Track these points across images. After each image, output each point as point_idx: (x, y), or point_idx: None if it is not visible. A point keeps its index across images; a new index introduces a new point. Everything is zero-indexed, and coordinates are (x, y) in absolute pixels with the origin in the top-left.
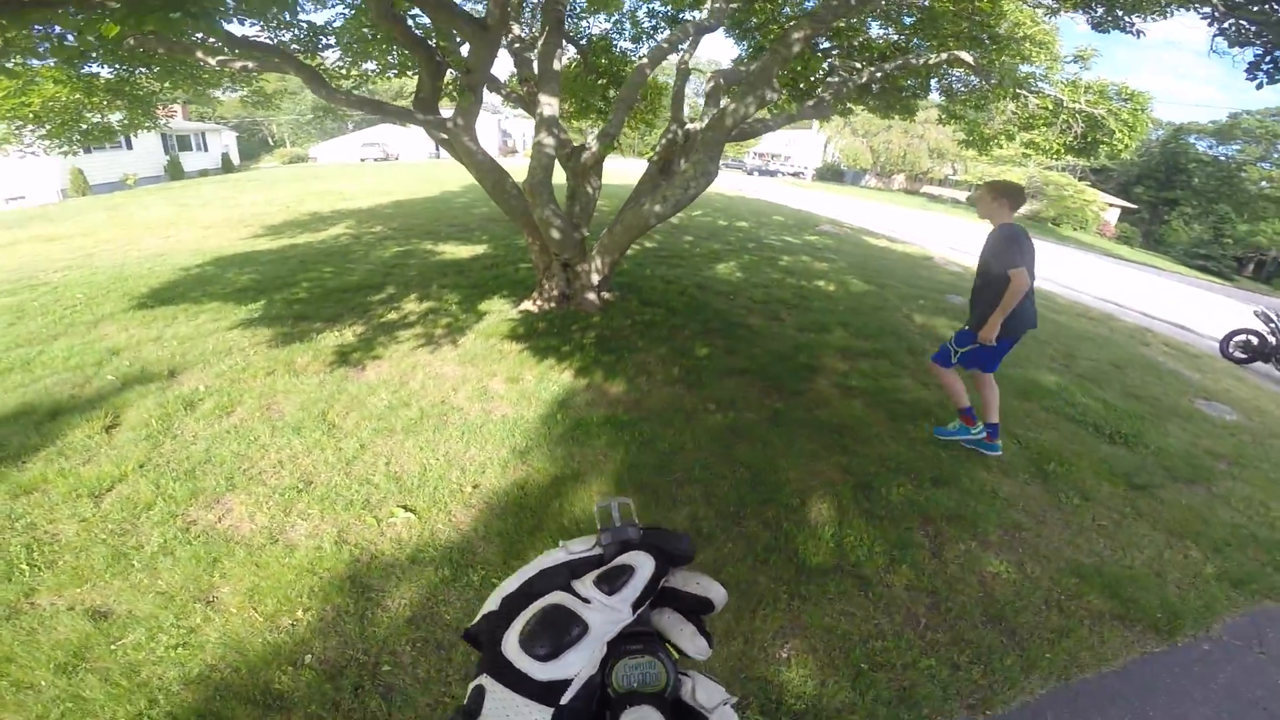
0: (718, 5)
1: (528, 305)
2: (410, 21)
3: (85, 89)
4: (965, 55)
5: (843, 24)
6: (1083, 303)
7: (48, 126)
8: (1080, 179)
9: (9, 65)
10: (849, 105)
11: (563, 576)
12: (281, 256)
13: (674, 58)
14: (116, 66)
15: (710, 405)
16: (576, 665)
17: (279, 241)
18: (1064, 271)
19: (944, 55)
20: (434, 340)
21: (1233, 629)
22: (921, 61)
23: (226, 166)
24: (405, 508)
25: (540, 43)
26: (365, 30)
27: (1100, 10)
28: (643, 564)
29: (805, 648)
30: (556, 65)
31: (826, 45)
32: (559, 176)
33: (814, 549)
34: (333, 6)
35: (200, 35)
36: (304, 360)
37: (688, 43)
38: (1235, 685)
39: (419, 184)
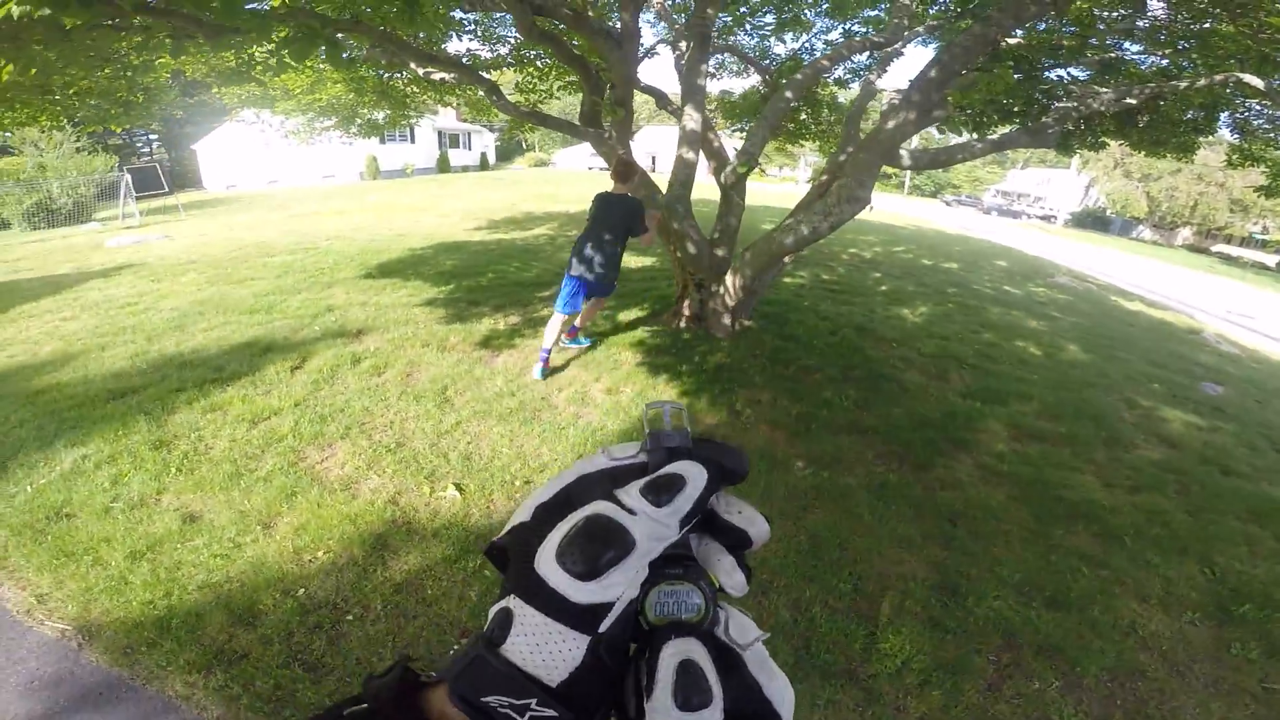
0: (896, 22)
1: (663, 321)
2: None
3: (357, 89)
4: (1252, 78)
5: (1071, 41)
6: None
7: (334, 120)
8: None
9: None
10: (1099, 138)
11: (604, 485)
12: (486, 248)
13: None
14: (378, 72)
15: (805, 459)
16: (620, 587)
17: (492, 235)
18: None
19: (1219, 77)
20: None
21: None
22: (1185, 87)
23: (483, 165)
24: (457, 486)
25: (686, 58)
26: (531, 51)
27: None
28: (695, 475)
29: None
30: (700, 80)
31: (1055, 66)
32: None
33: (833, 646)
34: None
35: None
36: (455, 340)
37: (870, 61)
38: None
39: None
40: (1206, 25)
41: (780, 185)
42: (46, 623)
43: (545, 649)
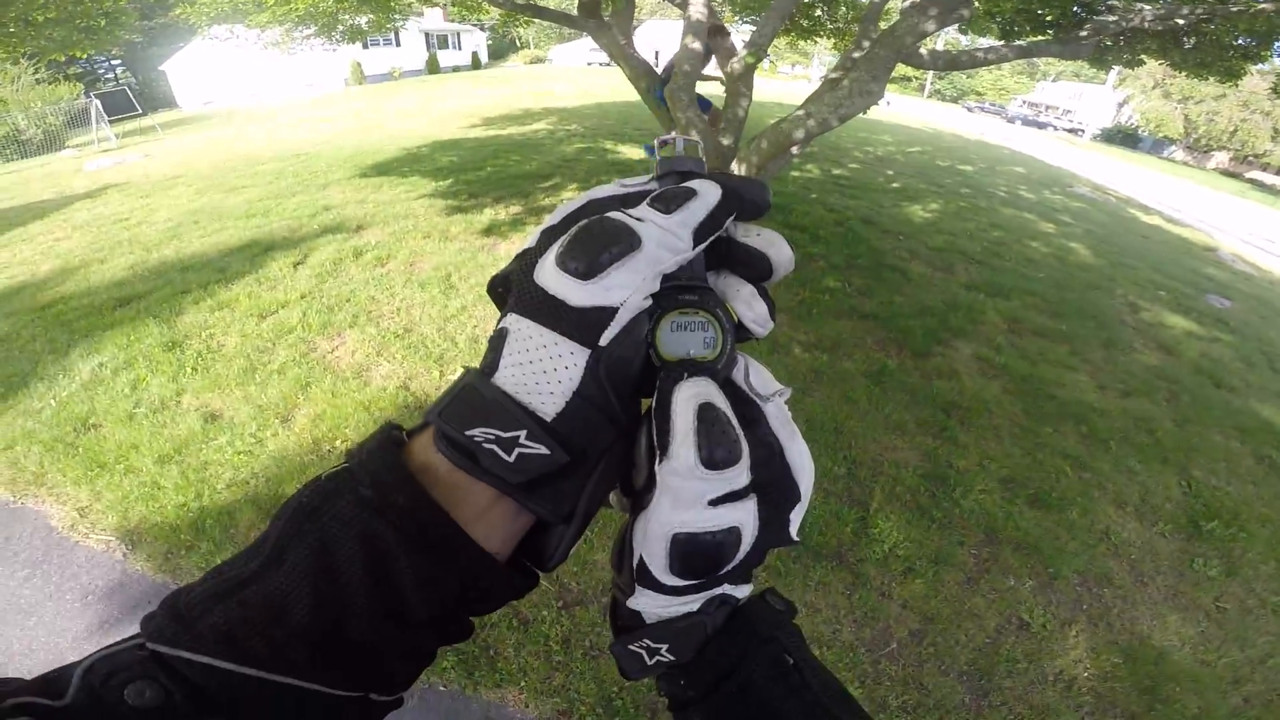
0: None
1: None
2: None
3: None
4: None
5: None
6: None
7: (314, 27)
8: None
9: None
10: (1137, 55)
11: (614, 207)
12: (482, 144)
13: None
14: None
15: (806, 342)
16: (623, 289)
17: (488, 131)
18: None
19: (1275, 4)
20: None
21: None
22: (1238, 10)
23: (475, 64)
24: (466, 368)
25: None
26: None
27: None
28: (707, 190)
29: None
30: None
31: None
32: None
33: (825, 529)
34: None
35: None
36: (457, 229)
37: None
38: None
39: (629, 86)
40: None
41: (793, 83)
42: (92, 535)
43: (539, 367)
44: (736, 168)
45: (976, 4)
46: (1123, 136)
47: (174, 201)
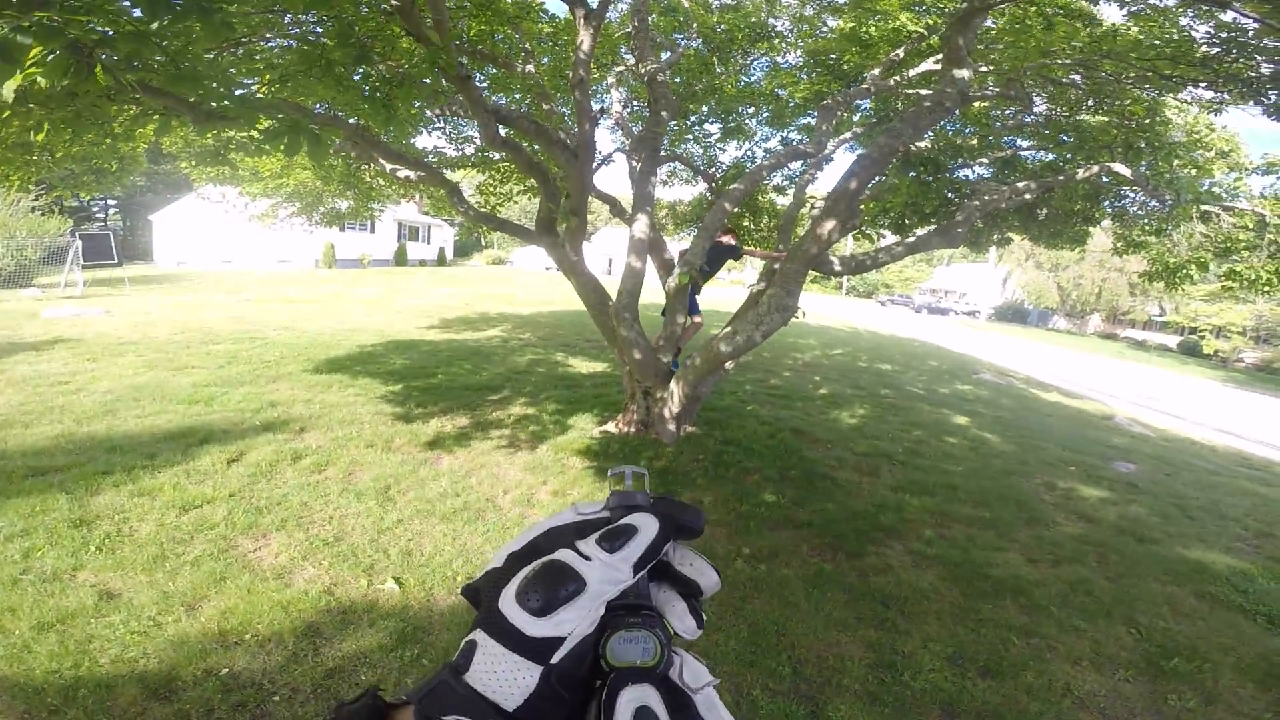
0: (823, 130)
1: (610, 427)
2: (534, 148)
3: (324, 177)
4: (1120, 167)
5: (973, 142)
6: None
7: (298, 205)
8: None
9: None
10: (1004, 234)
11: (569, 537)
12: (437, 349)
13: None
14: (348, 162)
15: (745, 554)
16: (570, 623)
17: (444, 335)
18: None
19: (1095, 169)
20: (515, 444)
21: None
22: (1064, 179)
23: (440, 260)
24: (397, 580)
25: (639, 169)
26: (491, 155)
27: (1276, 95)
28: (646, 525)
29: None
30: (650, 189)
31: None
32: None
33: None
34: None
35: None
36: (401, 441)
37: (802, 168)
38: None
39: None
40: (1081, 116)
41: (730, 289)
42: None
43: (503, 676)
44: (676, 385)
45: (864, 207)
46: (1012, 313)
47: (120, 371)
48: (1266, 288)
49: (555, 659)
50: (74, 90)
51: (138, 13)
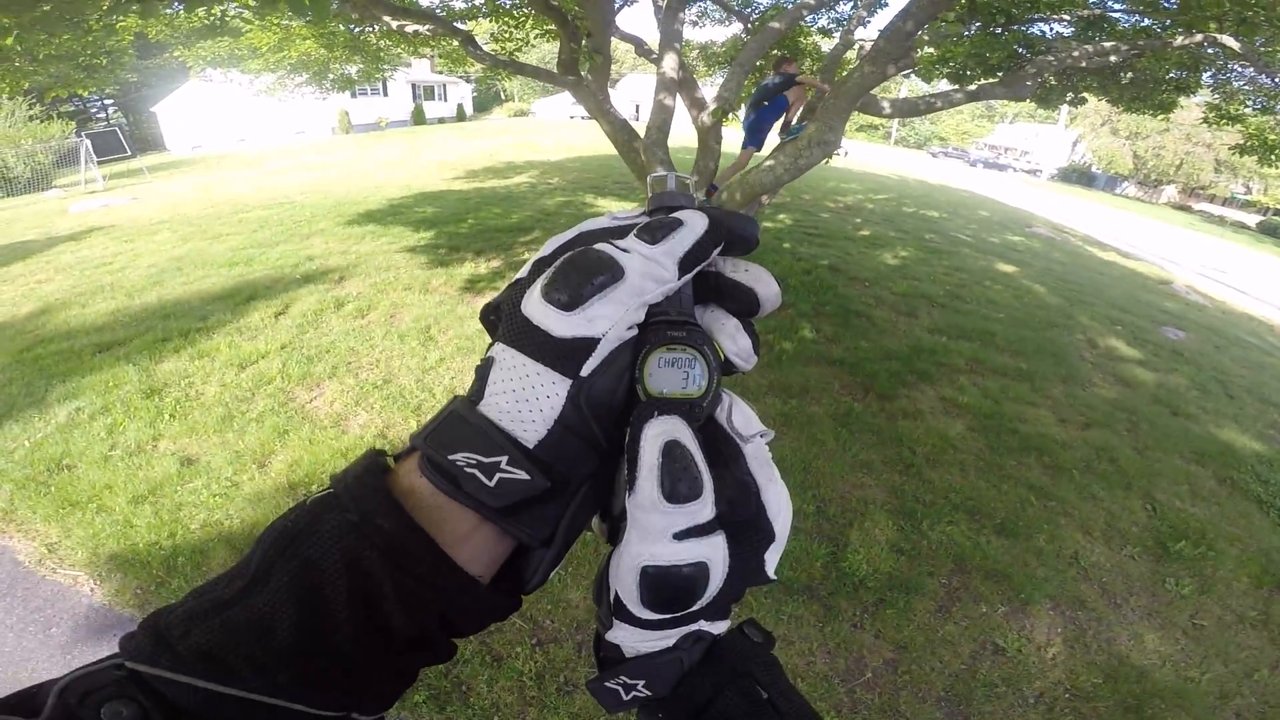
0: None
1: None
2: None
3: (328, 44)
4: (1229, 39)
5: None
6: None
7: (305, 75)
8: None
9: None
10: (1079, 93)
11: (605, 239)
12: (465, 197)
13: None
14: (349, 26)
15: (775, 388)
16: (605, 320)
17: (471, 184)
18: None
19: (1197, 37)
20: None
21: None
22: (1163, 46)
23: (460, 116)
24: (455, 395)
25: (665, 6)
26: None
27: None
28: (694, 220)
29: None
30: (678, 26)
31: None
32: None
33: (796, 564)
34: None
35: None
36: (438, 282)
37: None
38: None
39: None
40: None
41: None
42: (59, 570)
43: (521, 396)
44: None
45: (921, 52)
46: (1078, 175)
47: (158, 247)
48: None
49: (586, 370)
50: None
51: None
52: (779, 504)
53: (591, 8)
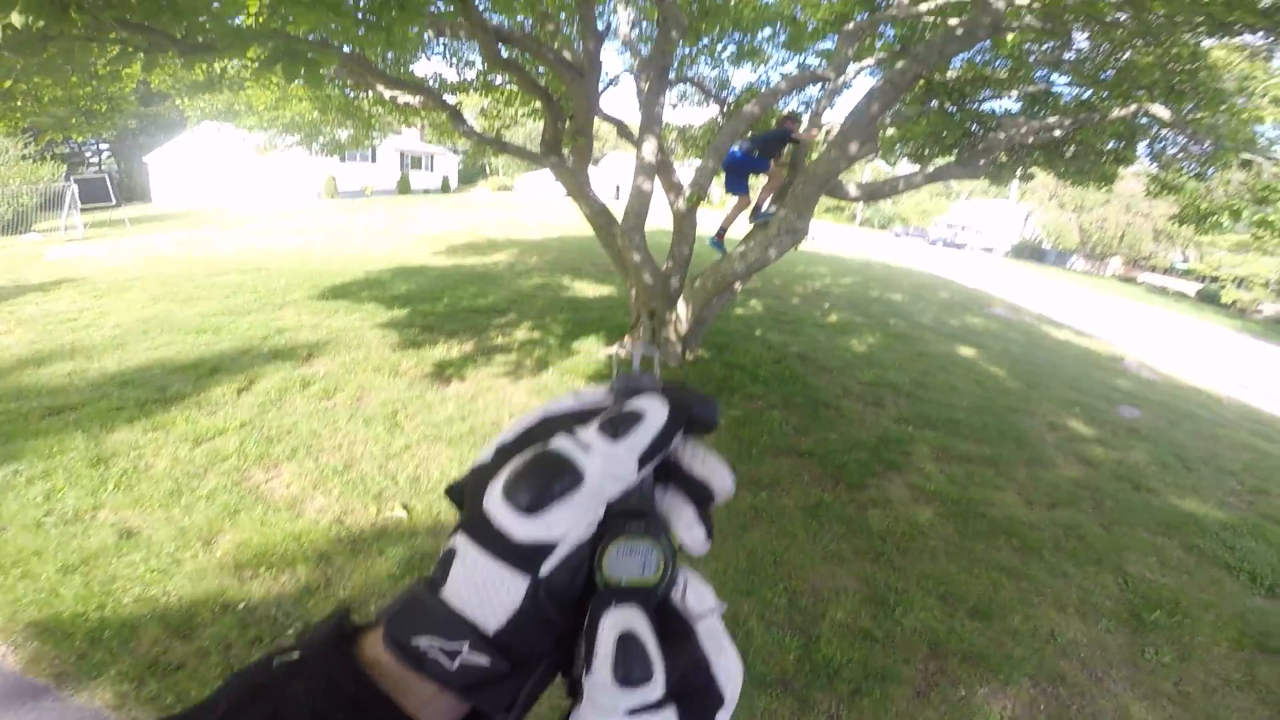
0: (842, 55)
1: (615, 350)
2: (538, 69)
3: (322, 107)
4: (1159, 109)
5: (1002, 75)
6: None
7: (298, 136)
8: None
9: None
10: (1028, 168)
11: (567, 424)
12: (443, 274)
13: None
14: (344, 90)
15: (746, 480)
16: (563, 525)
17: (450, 260)
18: None
19: (1132, 108)
20: (520, 368)
21: None
22: (1100, 118)
23: (444, 188)
24: (405, 506)
25: (646, 90)
26: (494, 77)
27: None
28: (654, 412)
29: None
30: (658, 111)
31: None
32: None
33: (769, 658)
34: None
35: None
36: (408, 365)
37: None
38: None
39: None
40: (1126, 56)
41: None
42: None
43: (484, 590)
44: (682, 307)
45: (883, 134)
46: (1030, 251)
47: (127, 306)
48: None
49: (545, 570)
50: (48, 34)
51: None
52: (730, 673)
53: (576, 88)
